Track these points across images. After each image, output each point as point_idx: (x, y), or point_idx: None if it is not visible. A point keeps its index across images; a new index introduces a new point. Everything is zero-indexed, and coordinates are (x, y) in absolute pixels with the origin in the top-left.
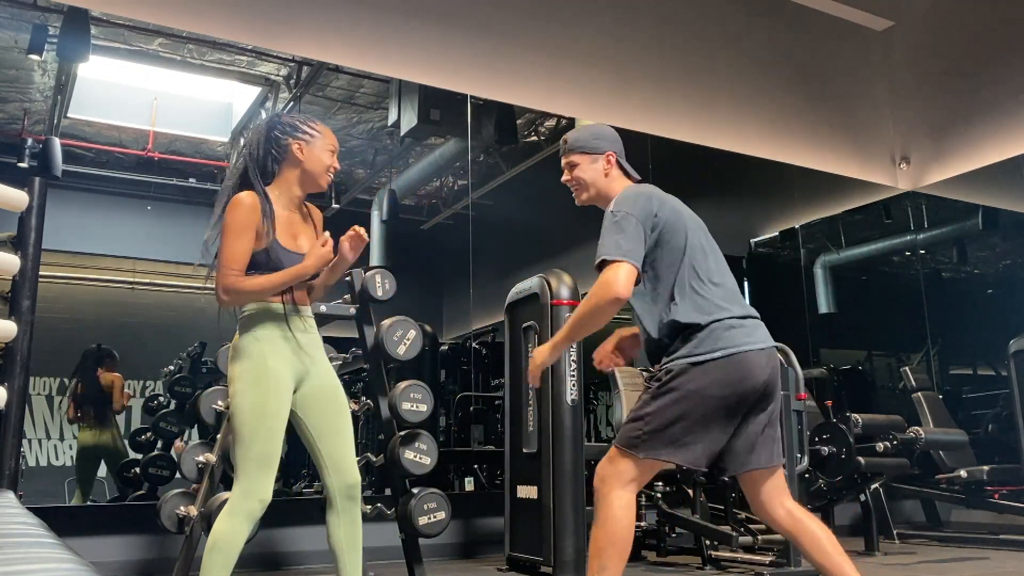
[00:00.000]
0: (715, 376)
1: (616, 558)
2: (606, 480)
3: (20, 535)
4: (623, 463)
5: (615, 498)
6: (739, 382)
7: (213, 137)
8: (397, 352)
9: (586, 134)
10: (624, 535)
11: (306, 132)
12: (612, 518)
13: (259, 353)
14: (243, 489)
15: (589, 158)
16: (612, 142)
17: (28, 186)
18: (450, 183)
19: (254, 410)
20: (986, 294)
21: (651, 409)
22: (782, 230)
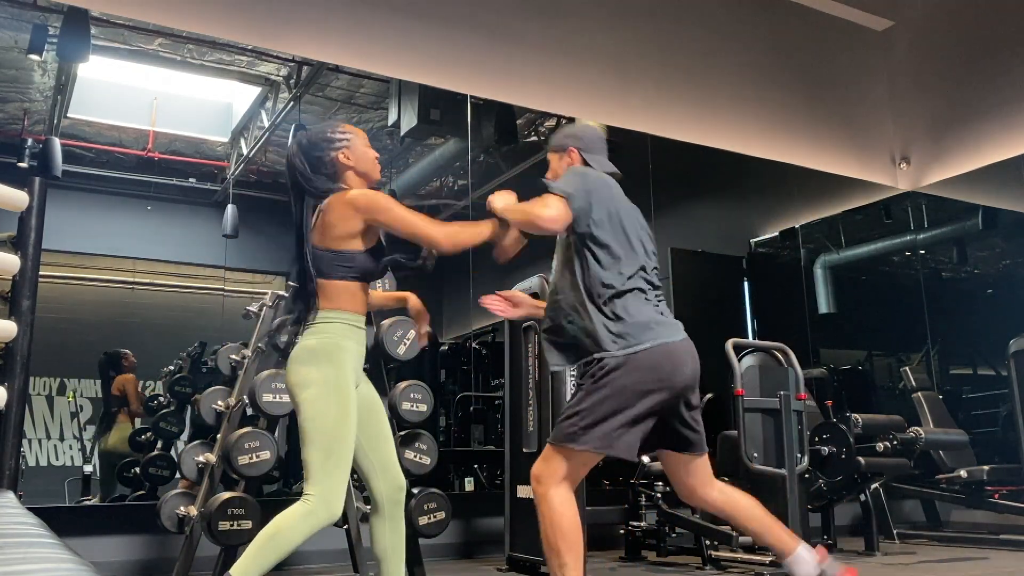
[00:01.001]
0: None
1: (571, 552)
2: (542, 479)
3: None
4: (557, 460)
5: (553, 495)
6: (669, 375)
7: (213, 137)
8: (397, 352)
9: (560, 134)
10: (571, 528)
11: (341, 138)
12: (556, 514)
13: (341, 359)
14: (324, 496)
15: (557, 155)
16: (579, 139)
17: (28, 186)
18: (450, 183)
19: (339, 416)
20: (986, 294)
21: (586, 405)
22: (782, 230)
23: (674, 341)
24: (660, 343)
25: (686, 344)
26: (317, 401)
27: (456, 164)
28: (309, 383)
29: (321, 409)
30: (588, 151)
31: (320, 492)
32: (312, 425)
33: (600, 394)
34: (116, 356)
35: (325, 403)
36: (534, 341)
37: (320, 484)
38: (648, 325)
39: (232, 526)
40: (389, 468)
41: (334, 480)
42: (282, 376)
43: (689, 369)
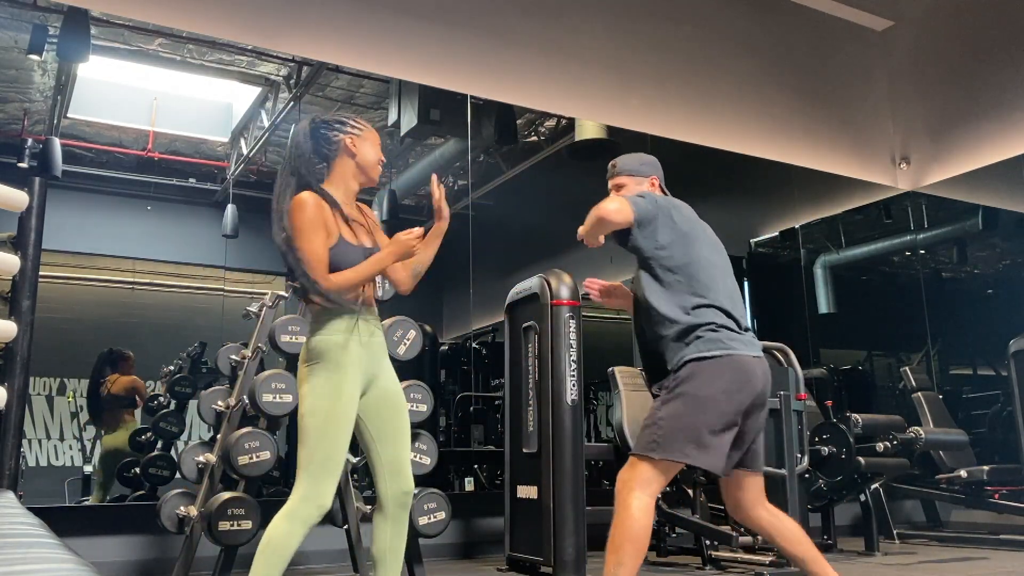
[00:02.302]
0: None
1: (633, 555)
2: (626, 483)
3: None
4: (641, 467)
5: (633, 499)
6: (742, 386)
7: (213, 137)
8: (397, 352)
9: (633, 160)
10: (641, 534)
11: (355, 126)
12: (630, 517)
13: (333, 355)
14: (304, 493)
15: (635, 180)
16: (655, 168)
17: (28, 186)
18: (450, 183)
19: (325, 414)
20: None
21: (663, 413)
22: (782, 230)
23: (746, 354)
24: (731, 354)
25: (759, 360)
26: (306, 398)
27: (456, 164)
28: (302, 380)
29: (308, 406)
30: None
31: (302, 490)
32: (301, 423)
33: (675, 402)
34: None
35: (312, 400)
36: (534, 341)
37: (303, 482)
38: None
39: (232, 526)
40: (399, 470)
41: (317, 479)
42: (282, 376)
43: (760, 383)
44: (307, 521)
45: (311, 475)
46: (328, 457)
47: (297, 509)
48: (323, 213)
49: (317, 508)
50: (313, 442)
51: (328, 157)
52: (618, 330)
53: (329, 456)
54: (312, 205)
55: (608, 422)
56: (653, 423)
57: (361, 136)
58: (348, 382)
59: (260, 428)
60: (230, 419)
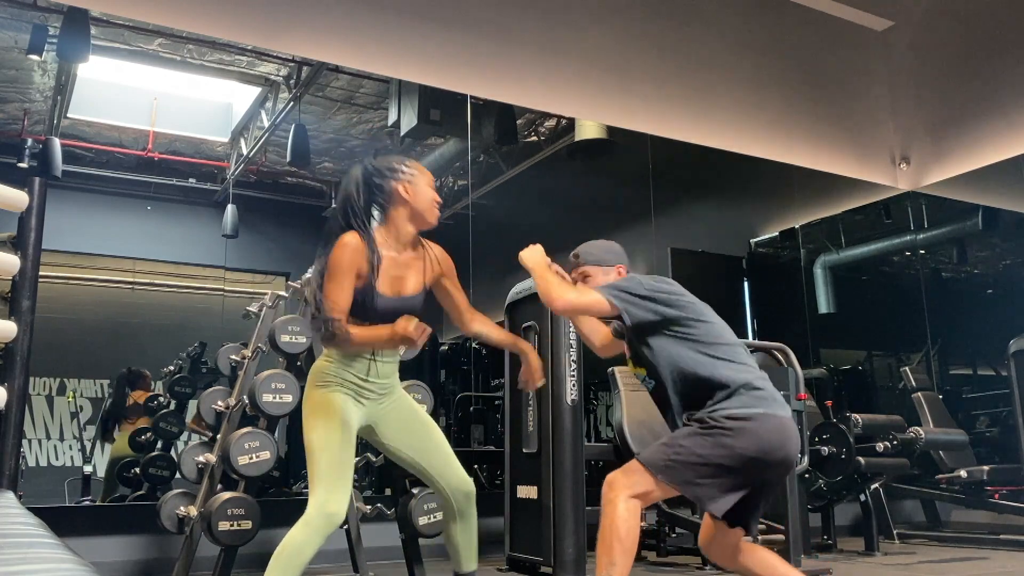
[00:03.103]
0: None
1: (623, 554)
2: (615, 487)
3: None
4: (639, 477)
5: (621, 502)
6: (775, 449)
7: (213, 137)
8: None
9: (597, 249)
10: (630, 534)
11: (406, 172)
12: (618, 518)
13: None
14: (318, 502)
15: (602, 270)
16: (620, 256)
17: (28, 186)
18: (450, 183)
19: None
20: (986, 294)
21: (686, 443)
22: (782, 230)
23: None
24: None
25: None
26: (307, 417)
27: (456, 164)
28: (305, 400)
29: (310, 424)
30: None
31: (314, 502)
32: (306, 441)
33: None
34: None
35: (313, 420)
36: (534, 341)
37: (314, 494)
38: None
39: (232, 526)
40: (449, 472)
41: (328, 489)
42: (282, 376)
43: (793, 447)
44: (320, 531)
45: (322, 486)
46: (331, 467)
47: (311, 518)
48: (359, 258)
49: (327, 518)
50: (317, 454)
51: (383, 206)
52: None
53: (332, 466)
54: (351, 248)
55: (608, 422)
56: (674, 445)
57: (414, 181)
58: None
59: (260, 428)
60: (230, 419)
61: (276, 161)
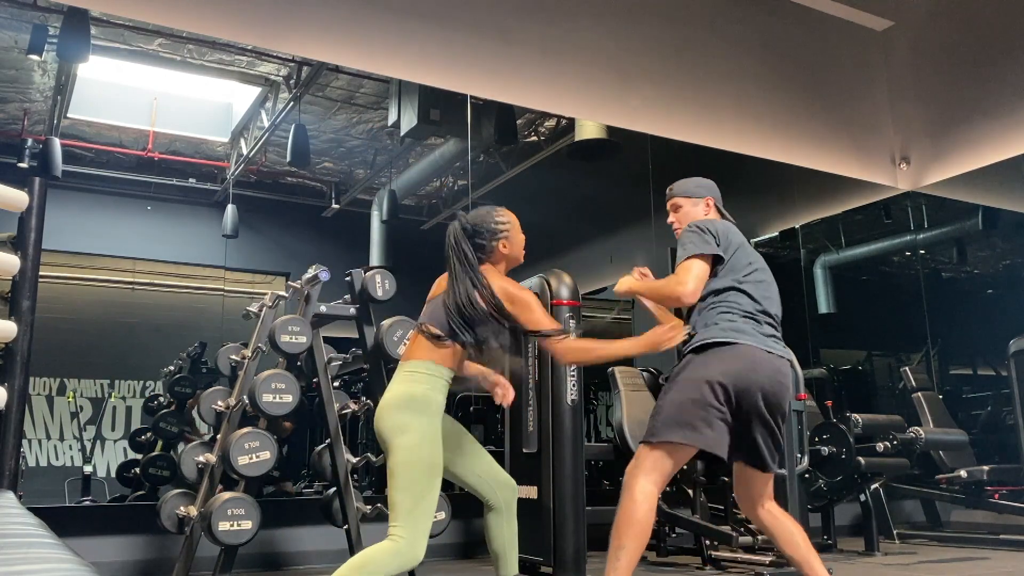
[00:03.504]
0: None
1: (634, 538)
2: (632, 471)
3: (20, 535)
4: (646, 456)
5: (636, 485)
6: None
7: (213, 137)
8: (397, 352)
9: (689, 182)
10: (642, 518)
11: (504, 228)
12: (632, 502)
13: (436, 411)
14: (411, 540)
15: (691, 201)
16: (710, 189)
17: (28, 186)
18: (450, 183)
19: (431, 466)
20: (986, 294)
21: (663, 401)
22: (782, 230)
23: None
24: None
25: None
26: (411, 449)
27: (456, 164)
28: (407, 429)
29: (416, 457)
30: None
31: (409, 535)
32: (406, 471)
33: (674, 388)
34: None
35: (419, 452)
36: (534, 341)
37: (409, 528)
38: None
39: (232, 526)
40: (494, 475)
41: (420, 525)
42: (282, 376)
43: (765, 376)
44: (404, 566)
45: (417, 521)
46: (431, 505)
47: (403, 551)
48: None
49: (415, 556)
50: (421, 492)
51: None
52: (618, 330)
53: (431, 504)
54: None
55: (608, 422)
56: (656, 411)
57: (510, 236)
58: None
59: (260, 428)
60: (230, 419)
61: (276, 161)
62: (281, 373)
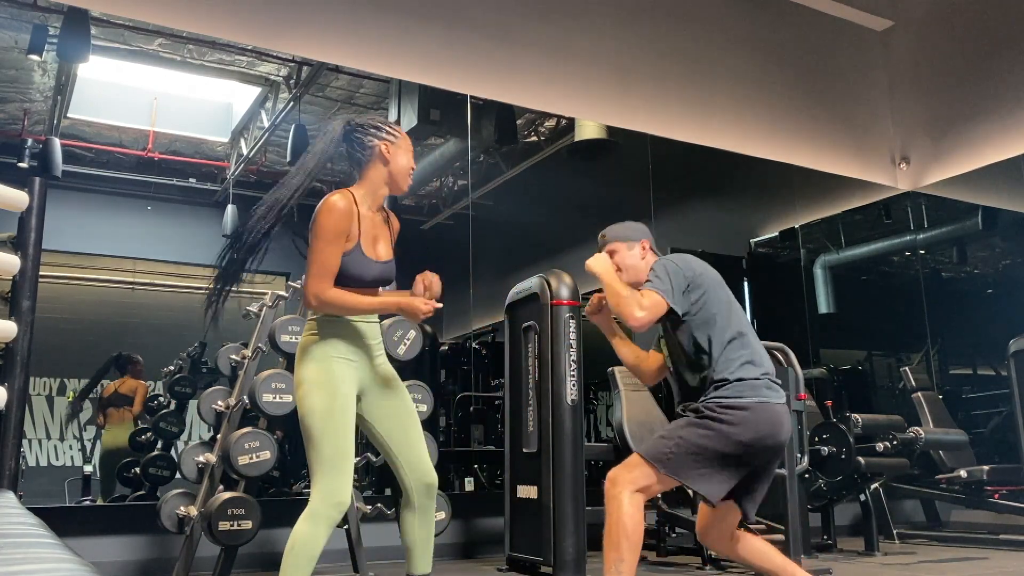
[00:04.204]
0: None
1: (631, 550)
2: (618, 483)
3: (20, 535)
4: (640, 471)
5: (625, 498)
6: (768, 435)
7: (213, 137)
8: (397, 352)
9: (621, 228)
10: (636, 529)
11: (390, 133)
12: (625, 514)
13: (324, 355)
14: (321, 492)
15: (626, 245)
16: (644, 232)
17: (28, 186)
18: (450, 183)
19: (322, 411)
20: (986, 294)
21: (684, 433)
22: (782, 230)
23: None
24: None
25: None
26: (304, 399)
27: (456, 164)
28: (300, 382)
29: (307, 406)
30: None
31: (319, 490)
32: (303, 425)
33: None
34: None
35: (309, 400)
36: (534, 341)
37: (316, 483)
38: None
39: (232, 526)
40: (418, 465)
41: (330, 476)
42: (282, 376)
43: (786, 433)
44: (329, 520)
45: (323, 473)
46: (335, 453)
47: (319, 509)
48: (349, 221)
49: (336, 507)
50: (318, 440)
51: (361, 162)
52: None
53: (336, 452)
54: (341, 211)
55: (608, 422)
56: (670, 437)
57: (395, 143)
58: (341, 380)
59: (260, 428)
60: (230, 419)
61: (276, 161)
62: (281, 373)
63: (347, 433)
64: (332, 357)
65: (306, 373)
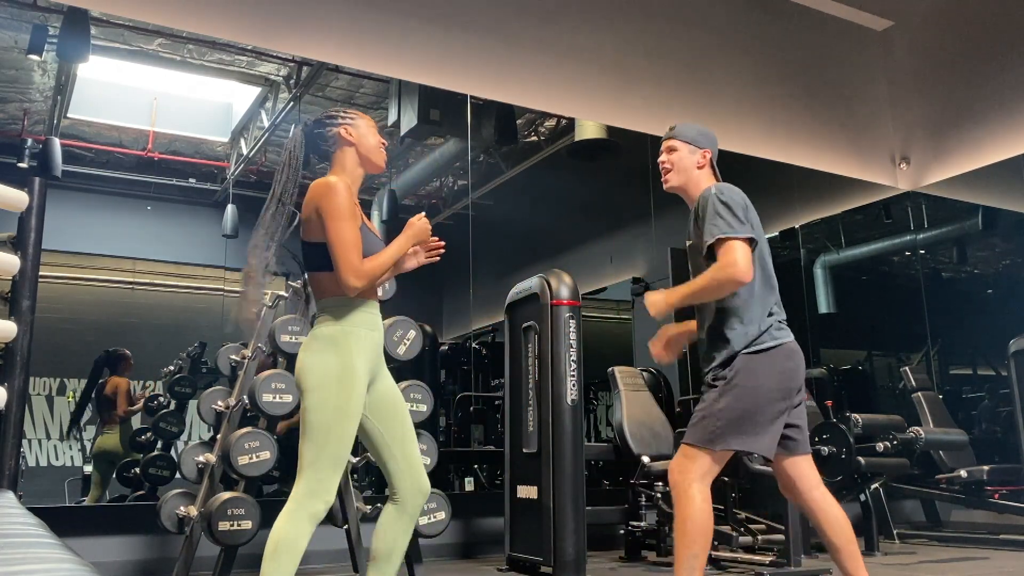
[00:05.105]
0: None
1: (705, 544)
2: (685, 475)
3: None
4: (701, 458)
5: (696, 491)
6: (791, 372)
7: (213, 137)
8: (397, 352)
9: (692, 128)
10: (709, 522)
11: (346, 116)
12: (698, 510)
13: (347, 347)
14: (310, 489)
15: (689, 148)
16: (712, 142)
17: (28, 186)
18: (450, 183)
19: (337, 410)
20: (986, 294)
21: (722, 405)
22: (782, 230)
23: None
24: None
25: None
26: (315, 391)
27: (456, 164)
28: (311, 370)
29: (319, 400)
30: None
31: (305, 489)
32: (309, 416)
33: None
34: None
35: (324, 394)
36: (534, 341)
37: (306, 480)
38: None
39: (232, 526)
40: (415, 469)
41: (327, 472)
42: (282, 376)
43: (803, 370)
44: (315, 517)
45: (319, 471)
46: (338, 455)
47: (304, 506)
48: (353, 198)
49: (324, 503)
50: (323, 439)
51: (328, 153)
52: (618, 330)
53: (339, 454)
54: (345, 189)
55: (608, 422)
56: (711, 414)
57: (355, 123)
58: (360, 378)
59: (260, 428)
60: (230, 419)
61: (276, 161)
62: (281, 373)
63: (353, 434)
64: (355, 352)
65: (327, 364)
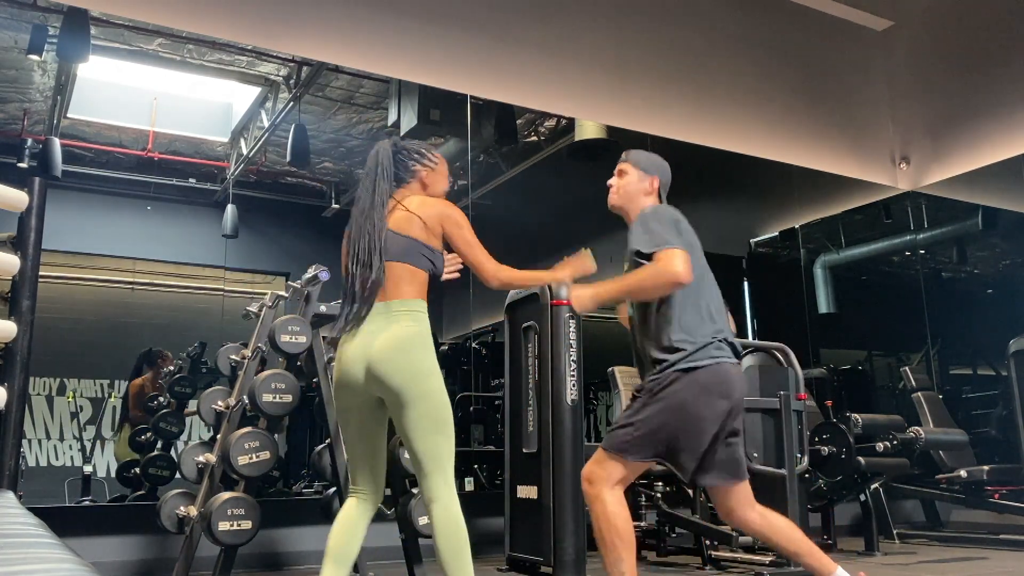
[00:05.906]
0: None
1: (627, 549)
2: (595, 481)
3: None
4: (612, 465)
5: (607, 496)
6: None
7: (213, 137)
8: None
9: (644, 156)
10: (627, 527)
11: (432, 160)
12: (612, 515)
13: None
14: (448, 480)
15: (639, 173)
16: (662, 171)
17: (28, 186)
18: (450, 183)
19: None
20: (986, 294)
21: (642, 416)
22: (782, 230)
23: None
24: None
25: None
26: (438, 391)
27: (456, 164)
28: (428, 372)
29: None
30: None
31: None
32: (436, 413)
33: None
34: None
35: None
36: (534, 341)
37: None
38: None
39: (232, 526)
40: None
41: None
42: (282, 376)
43: (739, 393)
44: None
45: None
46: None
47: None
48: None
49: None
50: (449, 429)
51: (402, 181)
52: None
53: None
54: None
55: (608, 422)
56: (630, 423)
57: (436, 171)
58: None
59: (260, 428)
60: (230, 419)
61: (276, 161)
62: (281, 373)
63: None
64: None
65: (431, 363)
